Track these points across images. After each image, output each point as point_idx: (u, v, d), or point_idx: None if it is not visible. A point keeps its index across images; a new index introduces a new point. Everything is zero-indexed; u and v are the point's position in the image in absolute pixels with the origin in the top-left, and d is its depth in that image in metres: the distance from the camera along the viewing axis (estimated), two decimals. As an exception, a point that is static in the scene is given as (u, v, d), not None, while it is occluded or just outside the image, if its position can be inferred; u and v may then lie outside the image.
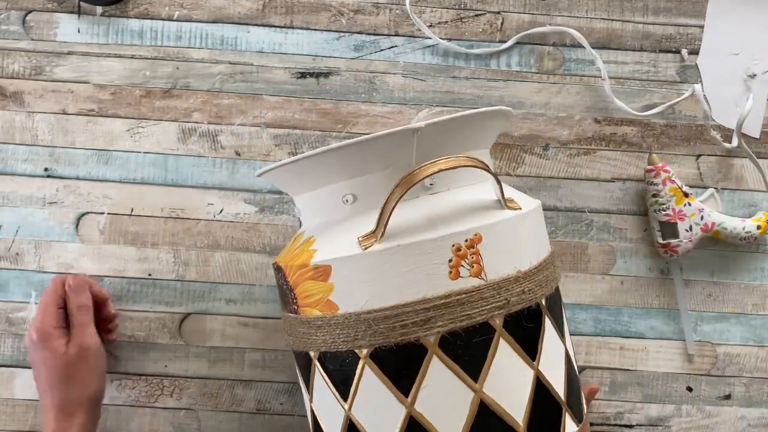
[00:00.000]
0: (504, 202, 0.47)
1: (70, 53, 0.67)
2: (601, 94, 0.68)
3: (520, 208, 0.47)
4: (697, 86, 0.65)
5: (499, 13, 0.68)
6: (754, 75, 0.68)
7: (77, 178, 0.66)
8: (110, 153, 0.67)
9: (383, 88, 0.67)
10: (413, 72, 0.67)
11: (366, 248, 0.44)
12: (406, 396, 0.44)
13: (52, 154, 0.66)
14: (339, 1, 0.67)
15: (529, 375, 0.45)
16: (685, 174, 0.68)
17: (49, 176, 0.66)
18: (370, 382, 0.45)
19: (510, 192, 0.50)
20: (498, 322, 0.44)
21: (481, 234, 0.44)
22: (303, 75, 0.67)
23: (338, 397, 0.47)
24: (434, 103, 0.67)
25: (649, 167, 0.65)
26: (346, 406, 0.46)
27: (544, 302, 0.47)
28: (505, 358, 0.45)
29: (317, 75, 0.67)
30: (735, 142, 0.66)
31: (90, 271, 0.66)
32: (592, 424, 0.68)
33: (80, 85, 0.67)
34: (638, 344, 0.68)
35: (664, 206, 0.64)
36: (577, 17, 0.68)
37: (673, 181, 0.64)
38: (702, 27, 0.68)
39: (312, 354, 0.48)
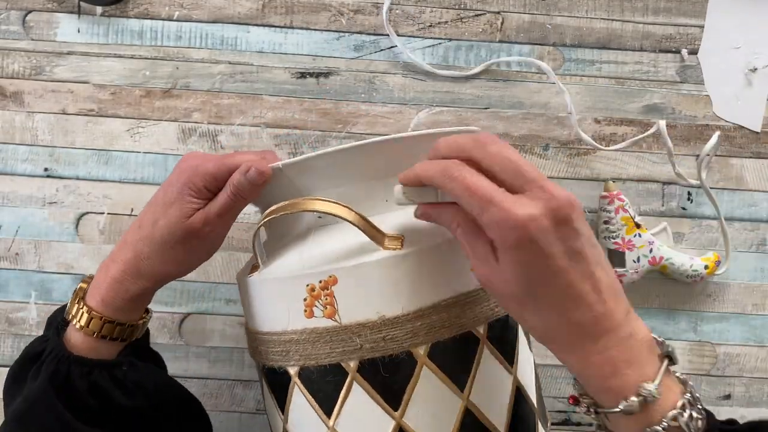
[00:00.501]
0: (381, 242, 0.43)
1: (70, 53, 0.67)
2: (602, 94, 0.68)
3: (400, 248, 0.43)
4: (662, 122, 0.64)
5: (499, 13, 0.68)
6: (755, 69, 0.68)
7: (77, 178, 0.66)
8: (110, 153, 0.67)
9: (383, 88, 0.67)
10: (413, 72, 0.67)
11: (250, 276, 0.48)
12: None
13: (52, 154, 0.66)
14: (339, 1, 0.67)
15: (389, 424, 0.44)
16: (685, 174, 0.68)
17: (49, 176, 0.66)
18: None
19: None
20: (352, 365, 0.44)
21: (337, 276, 0.43)
22: (303, 75, 0.67)
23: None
24: (434, 104, 0.67)
25: (604, 194, 0.65)
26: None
27: (482, 330, 0.44)
28: (362, 403, 0.44)
29: (317, 75, 0.67)
30: (698, 180, 0.65)
31: (90, 271, 0.66)
32: (591, 424, 0.68)
33: (80, 85, 0.67)
34: (638, 344, 0.67)
35: (614, 234, 0.64)
36: (577, 17, 0.68)
37: (626, 210, 0.64)
38: (702, 27, 0.68)
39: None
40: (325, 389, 0.45)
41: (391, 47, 0.67)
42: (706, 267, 0.65)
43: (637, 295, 0.68)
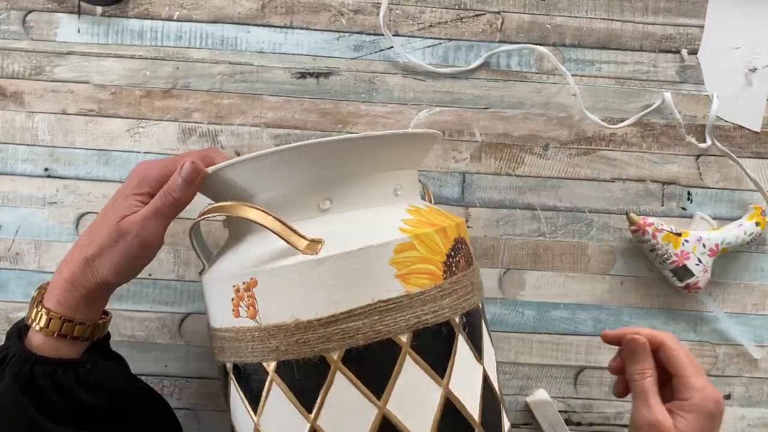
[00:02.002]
0: (299, 247, 0.44)
1: (70, 53, 0.67)
2: (602, 94, 0.68)
3: (316, 254, 0.43)
4: (667, 94, 0.64)
5: (499, 13, 0.68)
6: (755, 69, 0.68)
7: (77, 178, 0.67)
8: (110, 153, 0.67)
9: (383, 88, 0.67)
10: (413, 72, 0.68)
11: (201, 275, 0.51)
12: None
13: (52, 154, 0.66)
14: (339, 1, 0.67)
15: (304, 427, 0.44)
16: (685, 174, 0.68)
17: (49, 176, 0.66)
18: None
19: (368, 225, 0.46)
20: (272, 366, 0.45)
21: (256, 279, 0.44)
22: (303, 75, 0.67)
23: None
24: (434, 103, 0.67)
25: (633, 228, 0.65)
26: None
27: (405, 339, 0.44)
28: (279, 403, 0.45)
29: (317, 75, 0.67)
30: (708, 141, 0.66)
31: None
32: (591, 424, 0.68)
33: (80, 85, 0.67)
34: (638, 344, 0.67)
35: (666, 256, 0.64)
36: (577, 17, 0.68)
37: (661, 230, 0.64)
38: (702, 27, 0.68)
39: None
40: (252, 387, 0.46)
41: (391, 47, 0.67)
42: (757, 224, 0.65)
43: (637, 295, 0.68)
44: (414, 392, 0.44)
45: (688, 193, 0.68)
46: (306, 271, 0.43)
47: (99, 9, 0.67)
